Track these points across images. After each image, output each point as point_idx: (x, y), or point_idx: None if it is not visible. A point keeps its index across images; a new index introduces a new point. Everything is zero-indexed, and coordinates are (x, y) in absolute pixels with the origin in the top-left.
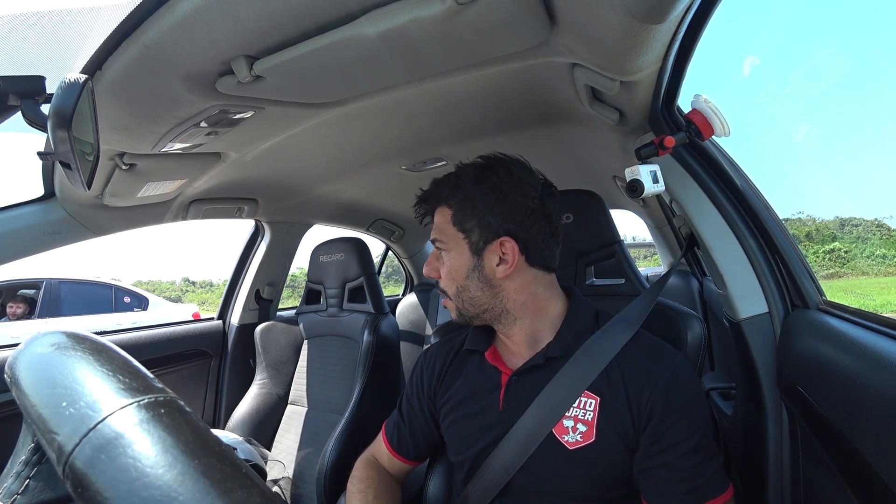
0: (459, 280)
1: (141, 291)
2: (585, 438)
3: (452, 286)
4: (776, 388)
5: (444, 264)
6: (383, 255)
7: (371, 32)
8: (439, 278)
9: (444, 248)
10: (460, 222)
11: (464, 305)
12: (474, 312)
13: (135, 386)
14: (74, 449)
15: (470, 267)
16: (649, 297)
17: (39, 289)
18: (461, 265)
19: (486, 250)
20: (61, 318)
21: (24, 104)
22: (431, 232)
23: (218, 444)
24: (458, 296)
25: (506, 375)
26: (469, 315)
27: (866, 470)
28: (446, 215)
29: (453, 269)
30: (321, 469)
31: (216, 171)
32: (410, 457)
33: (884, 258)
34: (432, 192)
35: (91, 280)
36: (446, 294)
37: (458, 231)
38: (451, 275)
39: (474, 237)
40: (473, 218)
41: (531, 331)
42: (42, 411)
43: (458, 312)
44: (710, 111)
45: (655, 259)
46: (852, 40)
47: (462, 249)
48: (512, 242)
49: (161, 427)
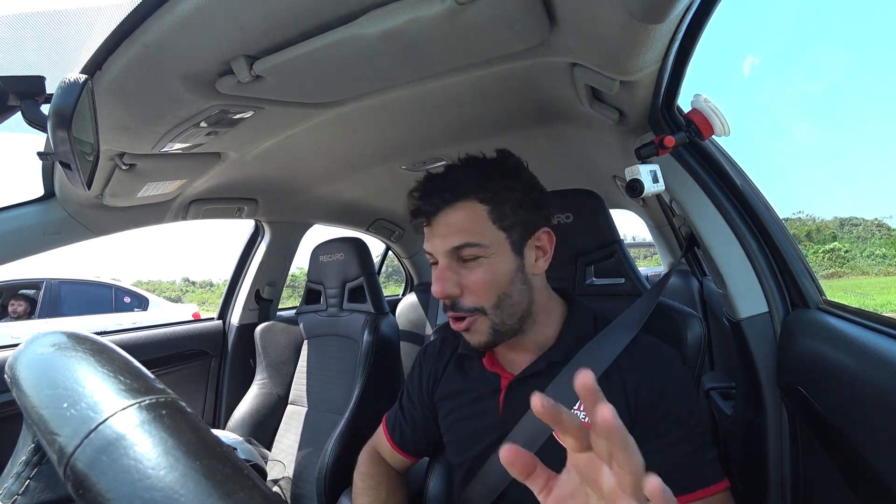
0: (503, 286)
1: (141, 291)
2: None
3: (491, 297)
4: (776, 387)
5: (476, 272)
6: (383, 255)
7: (371, 32)
8: (458, 295)
9: (482, 253)
10: (500, 218)
11: (503, 318)
12: (511, 325)
13: (136, 387)
14: (76, 450)
15: (514, 268)
16: (650, 299)
17: (40, 289)
18: (507, 268)
19: (525, 246)
20: (61, 319)
21: (24, 104)
22: (447, 237)
23: (219, 445)
24: (498, 307)
25: (506, 380)
26: (505, 330)
27: (866, 470)
28: (479, 211)
29: (498, 274)
30: (321, 469)
31: (216, 171)
32: (411, 452)
33: (884, 258)
34: (453, 184)
35: (91, 280)
36: (479, 311)
37: (499, 229)
38: (492, 282)
39: (515, 234)
40: (514, 212)
41: (543, 335)
42: (43, 412)
43: (492, 332)
44: (709, 111)
45: (655, 259)
46: (852, 40)
47: (506, 250)
48: (549, 232)
49: (162, 428)
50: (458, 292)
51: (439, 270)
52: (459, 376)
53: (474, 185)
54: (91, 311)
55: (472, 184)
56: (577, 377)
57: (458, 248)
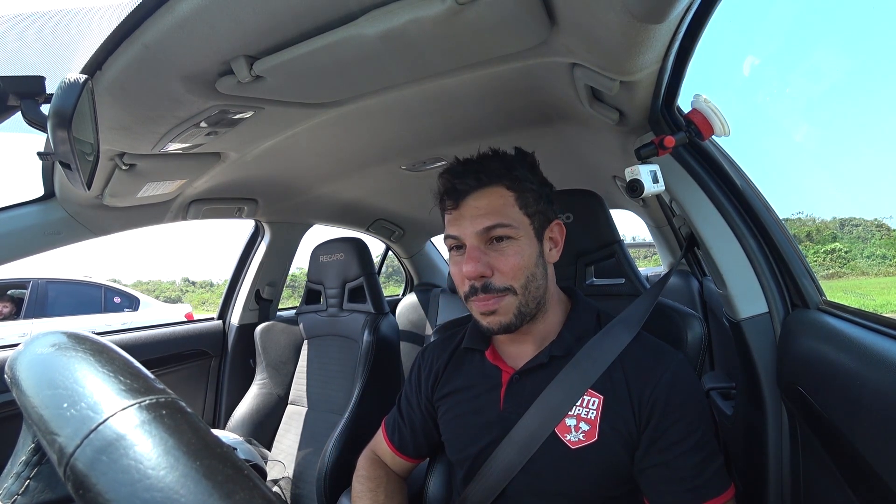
0: (530, 268)
1: (132, 291)
2: (588, 438)
3: (521, 278)
4: (776, 387)
5: (507, 254)
6: (383, 255)
7: (371, 32)
8: (490, 276)
9: (511, 234)
10: (525, 206)
11: (528, 300)
12: (531, 308)
13: (136, 387)
14: (76, 450)
15: (538, 253)
16: (650, 297)
17: (26, 288)
18: (532, 251)
19: (544, 235)
20: (48, 319)
21: (24, 104)
22: (479, 219)
23: (220, 445)
24: (525, 288)
25: (507, 374)
26: (527, 312)
27: (866, 470)
28: (507, 197)
29: (525, 255)
30: (321, 469)
31: (216, 171)
32: (411, 455)
33: (884, 258)
34: (486, 167)
35: (80, 280)
36: (509, 291)
37: (524, 215)
38: (521, 264)
39: (537, 222)
40: (534, 202)
41: (548, 326)
42: (43, 412)
43: (517, 312)
44: (709, 111)
45: (655, 259)
46: (852, 40)
47: (530, 235)
48: (561, 225)
49: (163, 428)
50: (490, 272)
51: (470, 250)
52: (460, 374)
53: (503, 172)
54: (79, 312)
55: (501, 171)
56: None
57: (490, 227)
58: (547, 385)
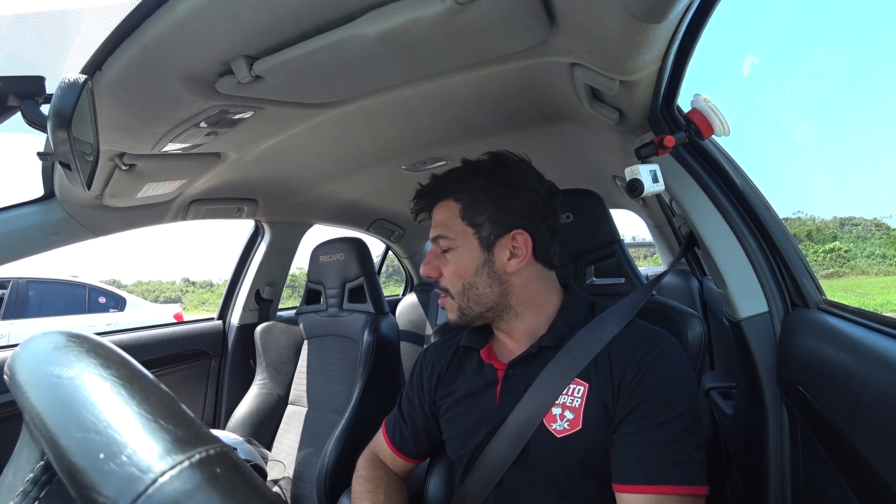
0: (467, 277)
1: (119, 291)
2: (572, 426)
3: (458, 284)
4: (776, 387)
5: (449, 261)
6: (383, 255)
7: (371, 32)
8: (439, 277)
9: (451, 245)
10: (470, 216)
11: (468, 304)
12: (478, 311)
13: (181, 435)
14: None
15: (480, 263)
16: (645, 290)
17: (6, 288)
18: (470, 261)
19: (496, 245)
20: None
21: (23, 104)
22: (432, 229)
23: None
24: (463, 294)
25: (501, 371)
26: (471, 315)
27: (866, 469)
28: (453, 209)
29: (461, 265)
30: (321, 469)
31: (216, 172)
32: (412, 455)
33: (884, 258)
34: (436, 186)
35: (63, 279)
36: (448, 293)
37: (467, 226)
38: (457, 272)
39: (485, 231)
40: (485, 212)
41: (531, 326)
42: (74, 459)
43: (459, 312)
44: (709, 110)
45: (655, 259)
46: (852, 40)
47: (471, 245)
48: (525, 235)
49: (221, 493)
50: (437, 274)
51: (428, 254)
52: (460, 373)
53: (455, 187)
54: (61, 312)
55: (451, 186)
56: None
57: (434, 238)
58: (538, 376)
